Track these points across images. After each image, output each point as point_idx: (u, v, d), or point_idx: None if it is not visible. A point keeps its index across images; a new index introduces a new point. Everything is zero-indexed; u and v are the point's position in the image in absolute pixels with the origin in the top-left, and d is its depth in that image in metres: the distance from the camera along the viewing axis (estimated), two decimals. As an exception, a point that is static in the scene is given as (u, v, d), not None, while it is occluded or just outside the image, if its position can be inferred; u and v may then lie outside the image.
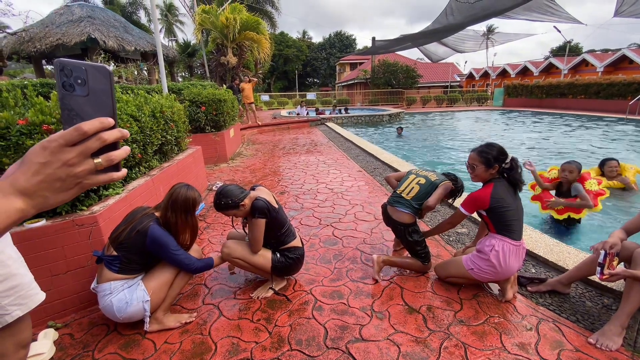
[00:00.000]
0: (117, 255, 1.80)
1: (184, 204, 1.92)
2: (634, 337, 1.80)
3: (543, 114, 16.82)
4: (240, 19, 12.64)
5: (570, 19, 12.20)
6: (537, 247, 2.65)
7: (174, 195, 1.92)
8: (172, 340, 1.87)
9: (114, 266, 1.81)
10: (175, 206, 1.91)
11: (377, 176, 5.20)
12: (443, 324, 1.95)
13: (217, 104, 6.15)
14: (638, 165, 4.61)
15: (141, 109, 3.02)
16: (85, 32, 10.43)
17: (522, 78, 31.55)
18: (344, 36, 54.69)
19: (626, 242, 1.97)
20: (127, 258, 1.82)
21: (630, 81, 15.40)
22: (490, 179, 2.12)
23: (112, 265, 1.81)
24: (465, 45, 19.35)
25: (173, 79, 17.46)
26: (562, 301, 2.13)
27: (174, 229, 1.92)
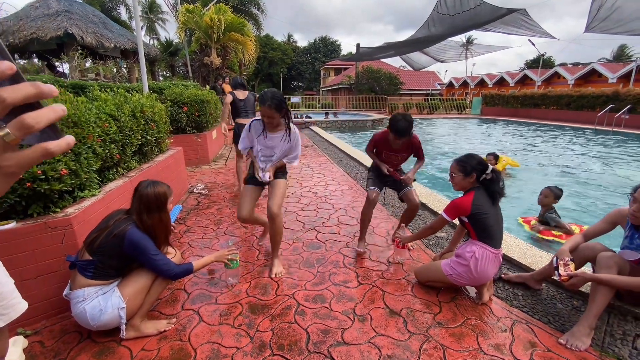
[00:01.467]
0: (92, 260, 1.73)
1: (156, 201, 1.86)
2: (601, 338, 1.90)
3: (517, 123, 17.52)
4: (225, 19, 12.52)
5: (544, 33, 12.82)
6: (512, 250, 2.75)
7: (143, 197, 1.84)
8: (149, 347, 1.82)
9: (88, 272, 1.73)
10: (148, 207, 1.84)
11: (360, 180, 5.25)
12: (423, 326, 1.99)
13: (199, 104, 6.06)
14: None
15: (120, 108, 2.94)
16: (62, 26, 10.03)
17: (499, 88, 32.84)
18: (329, 41, 55.14)
19: (592, 244, 2.11)
20: (103, 263, 1.75)
21: (599, 94, 16.33)
22: (471, 187, 2.20)
23: (86, 271, 1.73)
24: (446, 55, 19.95)
25: (154, 78, 17.05)
26: (535, 303, 2.22)
27: (152, 231, 1.86)
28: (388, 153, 2.89)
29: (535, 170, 7.10)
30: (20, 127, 0.31)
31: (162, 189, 1.91)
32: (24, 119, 0.31)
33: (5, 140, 0.32)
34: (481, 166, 2.16)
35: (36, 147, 0.34)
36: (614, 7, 9.72)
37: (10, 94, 0.30)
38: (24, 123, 0.31)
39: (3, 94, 0.30)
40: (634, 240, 1.97)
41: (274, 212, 2.48)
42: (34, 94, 0.32)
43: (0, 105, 0.30)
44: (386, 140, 2.81)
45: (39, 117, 0.32)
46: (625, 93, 15.00)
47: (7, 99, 0.30)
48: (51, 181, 1.89)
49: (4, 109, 0.31)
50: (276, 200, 2.54)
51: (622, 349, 1.82)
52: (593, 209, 4.76)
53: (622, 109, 14.01)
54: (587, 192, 5.59)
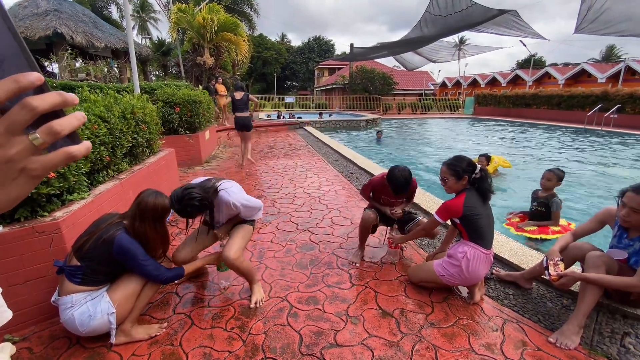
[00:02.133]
0: (80, 266, 1.71)
1: (153, 212, 1.83)
2: (590, 336, 1.93)
3: (509, 122, 17.72)
4: (218, 19, 12.47)
5: (535, 34, 12.98)
6: (503, 250, 2.78)
7: (142, 204, 1.82)
8: (140, 352, 1.80)
9: (76, 277, 1.71)
10: (143, 215, 1.82)
11: (354, 181, 5.26)
12: (415, 327, 2.00)
13: (192, 105, 6.01)
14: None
15: (110, 110, 2.90)
16: (51, 26, 9.89)
17: (491, 88, 33.19)
18: (322, 41, 55.15)
19: (580, 243, 2.15)
20: (92, 268, 1.72)
21: (589, 93, 16.58)
22: (462, 189, 2.22)
23: (74, 277, 1.71)
24: (439, 55, 20.10)
25: (146, 78, 16.88)
26: (525, 302, 2.24)
27: (143, 238, 1.83)
28: (387, 199, 2.74)
29: (527, 170, 7.18)
30: (49, 133, 0.34)
31: (163, 202, 1.87)
32: (52, 125, 0.34)
33: (35, 144, 0.34)
34: (471, 167, 2.19)
35: (60, 152, 0.36)
36: (603, 9, 9.88)
37: (40, 103, 0.33)
38: (52, 129, 0.34)
39: (33, 103, 0.33)
40: (622, 240, 2.01)
41: (228, 257, 2.06)
42: (60, 102, 0.35)
43: (31, 112, 0.33)
44: (384, 186, 2.63)
45: (64, 123, 0.35)
46: (614, 93, 15.26)
47: (38, 107, 0.33)
48: (39, 185, 1.86)
49: (34, 116, 0.33)
50: (232, 245, 2.11)
51: (611, 347, 1.84)
52: (581, 207, 4.83)
53: (611, 109, 14.25)
54: (576, 191, 5.68)
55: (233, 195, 2.10)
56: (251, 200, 2.20)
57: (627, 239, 1.98)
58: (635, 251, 1.92)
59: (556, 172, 3.51)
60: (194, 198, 1.87)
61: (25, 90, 0.33)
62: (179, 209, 1.89)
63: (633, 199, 1.86)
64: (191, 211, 1.91)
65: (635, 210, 1.85)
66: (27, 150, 0.34)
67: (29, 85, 0.33)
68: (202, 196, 1.91)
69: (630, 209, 1.86)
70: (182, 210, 1.90)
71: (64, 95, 0.35)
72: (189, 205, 1.87)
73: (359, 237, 2.83)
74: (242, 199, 2.13)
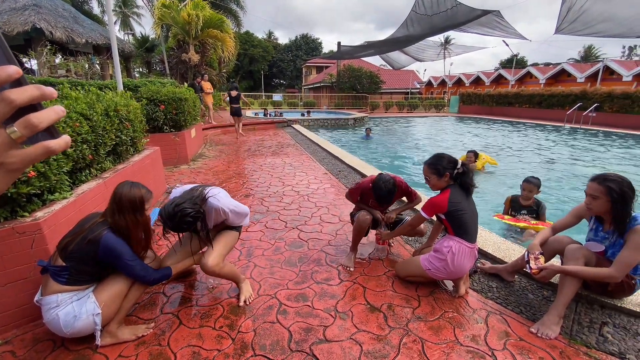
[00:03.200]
0: (66, 266, 1.67)
1: (131, 203, 1.78)
2: (570, 326, 2.01)
3: (492, 121, 18.12)
4: (203, 15, 12.28)
5: (517, 34, 13.29)
6: (487, 244, 2.86)
7: (117, 196, 1.78)
8: (127, 353, 1.77)
9: (62, 277, 1.67)
10: (121, 208, 1.77)
11: (342, 179, 5.29)
12: (402, 321, 2.04)
13: (177, 102, 5.91)
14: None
15: (93, 107, 2.83)
16: (30, 21, 9.53)
17: (475, 87, 33.82)
18: (310, 39, 55.03)
19: (560, 237, 2.23)
20: (77, 269, 1.69)
21: (568, 93, 17.10)
22: (446, 185, 2.27)
23: (60, 277, 1.67)
24: (425, 54, 20.36)
25: (129, 75, 16.47)
26: (508, 294, 2.32)
27: (126, 233, 1.78)
28: (375, 202, 2.72)
29: (510, 168, 7.37)
30: (27, 126, 0.34)
31: (139, 192, 1.83)
32: (30, 118, 0.34)
33: (12, 137, 0.34)
34: (452, 164, 2.25)
35: (38, 145, 0.36)
36: (582, 10, 10.19)
37: (18, 96, 0.33)
38: (29, 122, 0.34)
39: (11, 96, 0.33)
40: (598, 233, 2.09)
41: (206, 265, 2.01)
42: (38, 96, 0.34)
43: (9, 106, 0.33)
44: (371, 188, 2.63)
45: (42, 117, 0.35)
46: (593, 92, 15.79)
47: (16, 100, 0.33)
48: (18, 184, 1.81)
49: (12, 110, 0.33)
50: (212, 253, 2.06)
51: (590, 336, 1.92)
52: (560, 204, 5.01)
53: (590, 107, 14.75)
54: (557, 186, 5.87)
55: (222, 200, 2.07)
56: (239, 206, 2.18)
57: (602, 231, 2.07)
58: (612, 244, 2.01)
59: (534, 181, 3.59)
60: (188, 214, 1.83)
61: (2, 83, 0.33)
62: (173, 226, 1.85)
63: (590, 186, 1.98)
64: (186, 227, 1.88)
65: (593, 196, 1.95)
66: (5, 144, 0.34)
67: (7, 78, 0.33)
68: (195, 210, 1.87)
69: (590, 196, 1.97)
70: (177, 227, 1.87)
71: (42, 88, 0.35)
72: (184, 222, 1.84)
73: (353, 240, 2.75)
74: (231, 205, 2.11)
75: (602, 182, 1.92)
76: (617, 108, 14.66)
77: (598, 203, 1.94)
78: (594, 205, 1.97)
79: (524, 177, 3.70)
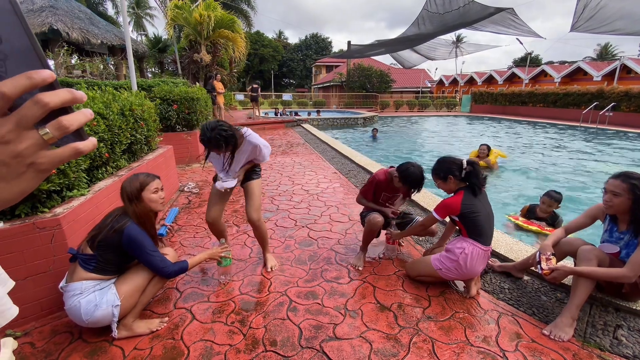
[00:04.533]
0: (94, 254, 1.75)
1: (137, 190, 1.89)
2: (583, 328, 1.97)
3: (505, 120, 17.81)
4: (215, 16, 12.40)
5: (531, 32, 13.04)
6: (499, 246, 2.82)
7: (123, 190, 1.89)
8: (141, 346, 1.82)
9: (90, 265, 1.75)
10: (130, 197, 1.88)
11: (352, 178, 5.29)
12: (412, 320, 2.03)
13: (189, 102, 6.00)
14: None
15: (109, 107, 2.90)
16: (47, 22, 9.80)
17: (487, 86, 33.28)
18: (320, 38, 55.03)
19: (572, 239, 2.20)
20: (104, 258, 1.77)
21: (584, 91, 16.68)
22: (458, 187, 2.26)
23: (88, 264, 1.75)
24: (436, 53, 20.15)
25: (142, 75, 16.78)
26: (520, 295, 2.29)
27: (143, 218, 1.88)
28: (388, 195, 2.75)
29: (524, 169, 7.25)
30: (59, 128, 0.35)
31: (137, 179, 1.92)
32: (61, 120, 0.36)
33: (45, 138, 0.35)
34: (455, 165, 2.23)
35: (67, 147, 0.37)
36: (599, 7, 9.95)
37: (52, 99, 0.34)
38: (61, 124, 0.36)
39: (45, 99, 0.34)
40: (612, 234, 2.05)
41: (253, 218, 2.47)
42: (70, 99, 0.36)
43: (43, 108, 0.34)
44: (389, 182, 2.65)
45: (73, 119, 0.36)
46: (610, 91, 15.36)
47: (50, 103, 0.34)
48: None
49: (45, 112, 0.35)
50: (254, 205, 2.49)
51: (604, 339, 1.89)
52: (574, 205, 4.90)
53: (606, 107, 14.37)
54: (571, 187, 5.74)
55: (258, 138, 2.42)
56: (266, 143, 2.50)
57: (617, 232, 2.02)
58: (626, 244, 1.97)
59: (555, 196, 3.50)
60: (225, 130, 2.13)
61: (37, 87, 0.34)
62: (210, 137, 2.10)
63: (612, 183, 1.94)
64: (219, 140, 2.12)
65: (615, 193, 1.91)
66: (37, 145, 0.35)
67: (41, 82, 0.34)
68: (232, 132, 2.18)
69: (611, 192, 1.93)
70: (212, 139, 2.11)
71: (74, 92, 0.36)
72: (220, 135, 2.11)
73: (363, 240, 2.73)
74: (263, 141, 2.45)
75: (626, 179, 1.88)
76: (634, 107, 14.22)
77: (619, 201, 1.90)
78: (615, 203, 1.92)
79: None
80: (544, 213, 3.60)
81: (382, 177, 2.67)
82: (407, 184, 2.52)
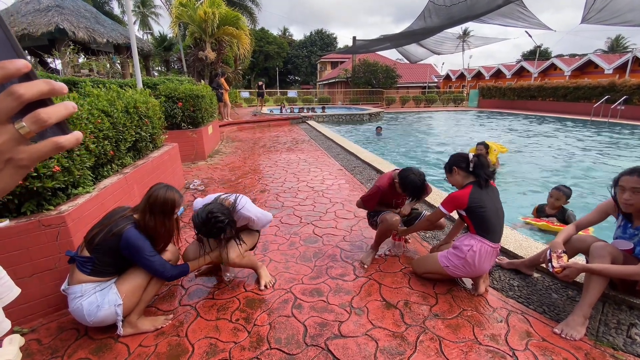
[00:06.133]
0: (91, 257, 1.73)
1: (163, 206, 1.85)
2: (596, 327, 1.92)
3: (513, 115, 17.53)
4: (219, 13, 12.37)
5: (541, 25, 12.78)
6: (508, 242, 2.77)
7: (152, 197, 1.85)
8: (146, 343, 1.82)
9: (87, 267, 1.73)
10: (154, 209, 1.84)
11: (357, 174, 5.25)
12: (419, 318, 2.00)
13: (194, 99, 6.00)
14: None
15: (113, 104, 2.90)
16: (53, 22, 9.88)
17: (495, 80, 32.79)
18: (325, 34, 54.72)
19: (583, 236, 2.13)
20: (101, 260, 1.75)
21: (595, 85, 16.33)
22: (468, 181, 2.22)
23: (85, 267, 1.73)
24: (442, 47, 19.88)
25: (148, 73, 16.85)
26: (530, 293, 2.24)
27: (152, 232, 1.85)
28: (397, 201, 2.69)
29: (532, 165, 7.12)
30: (36, 121, 0.33)
31: (173, 196, 1.90)
32: (39, 113, 0.33)
33: (21, 132, 0.33)
34: (461, 158, 2.24)
35: (47, 141, 0.35)
36: (610, -2, 9.68)
37: (27, 90, 0.32)
38: (39, 117, 0.33)
39: (20, 90, 0.32)
40: (627, 230, 1.99)
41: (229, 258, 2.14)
42: (47, 91, 0.33)
43: (18, 100, 0.32)
44: (392, 186, 2.56)
45: (52, 112, 0.34)
46: (621, 84, 15.01)
47: (25, 95, 0.32)
48: (44, 178, 1.87)
49: (20, 104, 0.32)
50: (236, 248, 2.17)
51: (617, 337, 1.84)
52: (585, 200, 4.79)
53: (618, 100, 14.04)
54: (581, 183, 5.63)
55: (251, 210, 2.22)
56: (264, 213, 2.33)
57: (631, 228, 1.96)
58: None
59: (564, 190, 3.42)
60: (222, 221, 1.95)
61: (11, 77, 0.32)
62: (206, 231, 1.97)
63: (629, 180, 1.86)
64: (218, 233, 1.99)
65: (635, 189, 1.83)
66: (14, 140, 0.33)
67: (16, 72, 0.32)
68: (228, 219, 1.99)
69: (631, 189, 1.84)
70: (209, 233, 1.99)
71: (52, 83, 0.33)
72: (216, 228, 1.96)
73: (377, 240, 2.65)
74: (258, 213, 2.26)
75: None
76: (648, 100, 13.89)
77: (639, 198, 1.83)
78: (636, 200, 1.84)
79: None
80: (552, 209, 3.52)
81: (387, 185, 2.57)
82: (406, 192, 2.48)
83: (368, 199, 2.66)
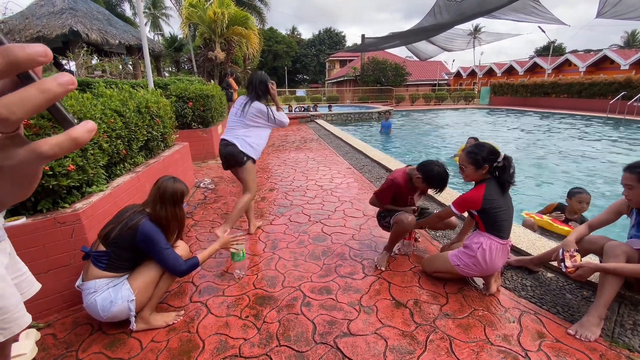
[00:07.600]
0: (107, 251, 1.78)
1: (172, 196, 1.92)
2: (611, 328, 1.87)
3: (526, 112, 17.18)
4: (229, 13, 12.47)
5: (555, 20, 12.48)
6: (520, 241, 2.72)
7: (161, 188, 1.91)
8: (158, 338, 1.85)
9: (102, 263, 1.78)
10: (163, 199, 1.90)
11: (366, 173, 5.23)
12: (429, 317, 1.98)
13: (204, 99, 6.07)
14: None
15: (126, 104, 2.95)
16: (67, 24, 10.10)
17: (507, 77, 32.15)
18: (333, 33, 54.54)
19: (594, 237, 2.09)
20: (117, 255, 1.80)
21: (611, 81, 15.88)
22: (482, 179, 2.14)
23: (100, 262, 1.78)
24: (453, 44, 19.61)
25: (159, 73, 17.10)
26: (544, 293, 2.19)
27: (164, 222, 1.91)
28: (411, 197, 2.61)
29: (544, 163, 6.98)
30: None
31: (181, 187, 1.97)
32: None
33: None
34: (493, 156, 2.07)
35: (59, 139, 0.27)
36: (628, -9, 9.39)
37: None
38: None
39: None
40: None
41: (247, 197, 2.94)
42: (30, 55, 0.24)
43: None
44: (408, 182, 2.51)
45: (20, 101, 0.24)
46: (638, 80, 14.55)
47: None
48: (59, 177, 1.92)
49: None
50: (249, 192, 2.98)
51: (633, 339, 1.79)
52: (599, 201, 4.67)
53: (635, 96, 13.62)
54: (594, 182, 5.48)
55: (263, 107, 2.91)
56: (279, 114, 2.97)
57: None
58: (657, 239, 1.85)
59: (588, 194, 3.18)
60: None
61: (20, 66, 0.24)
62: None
63: (624, 177, 1.93)
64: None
65: (628, 185, 1.90)
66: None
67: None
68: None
69: (626, 186, 1.92)
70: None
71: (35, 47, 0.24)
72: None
73: (391, 240, 2.59)
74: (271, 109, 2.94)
75: (633, 169, 1.87)
76: (666, 96, 13.45)
77: (635, 193, 1.87)
78: (632, 195, 1.89)
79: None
80: (574, 213, 3.33)
81: (401, 180, 2.50)
82: (431, 184, 2.41)
83: (382, 194, 2.61)
